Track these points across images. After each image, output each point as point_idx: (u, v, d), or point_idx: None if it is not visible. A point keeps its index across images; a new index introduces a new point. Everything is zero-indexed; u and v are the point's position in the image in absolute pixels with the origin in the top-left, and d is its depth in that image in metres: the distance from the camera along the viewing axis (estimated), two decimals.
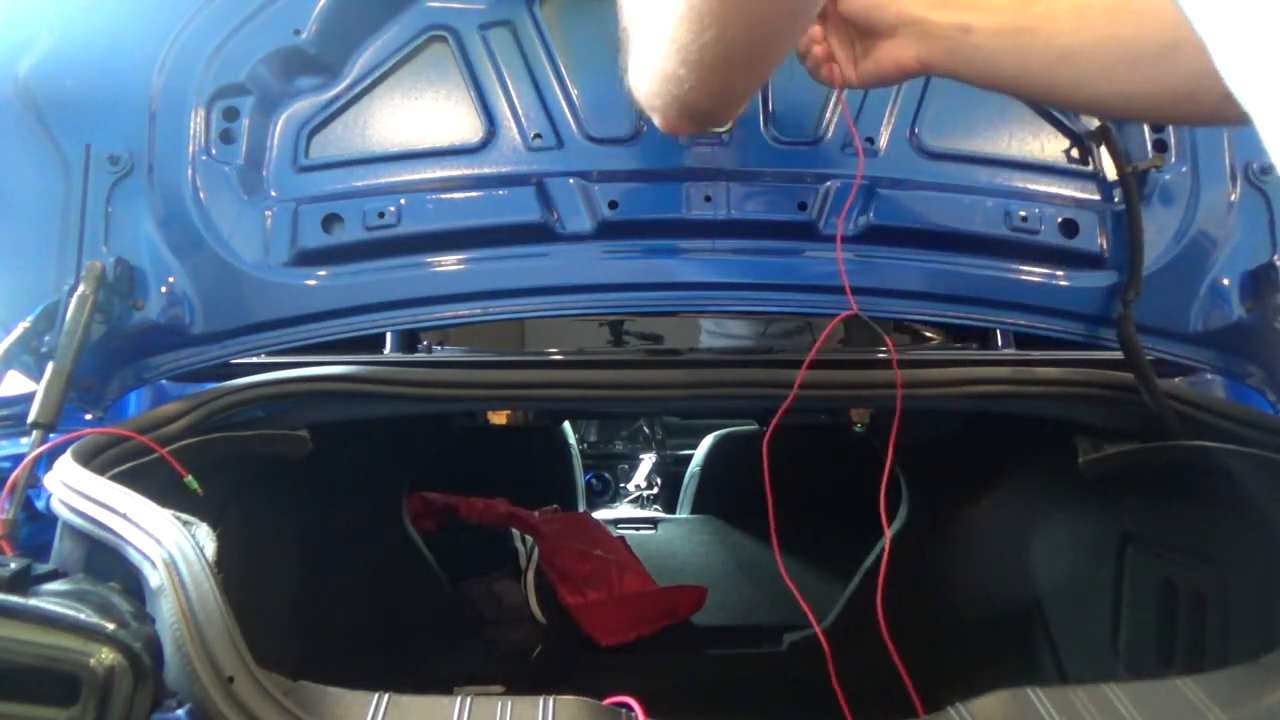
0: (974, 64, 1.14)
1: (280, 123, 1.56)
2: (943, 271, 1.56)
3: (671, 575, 2.98)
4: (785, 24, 0.95)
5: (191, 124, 1.51)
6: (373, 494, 2.33)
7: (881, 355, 1.67)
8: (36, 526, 1.22)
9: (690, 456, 4.26)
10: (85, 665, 0.81)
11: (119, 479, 1.16)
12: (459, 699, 0.98)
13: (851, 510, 1.87)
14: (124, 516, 1.04)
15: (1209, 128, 1.56)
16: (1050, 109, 1.61)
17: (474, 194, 1.55)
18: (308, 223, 1.52)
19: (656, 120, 1.16)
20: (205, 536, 1.03)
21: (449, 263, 1.54)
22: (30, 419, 1.31)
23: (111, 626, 0.84)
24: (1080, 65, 1.07)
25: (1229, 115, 1.00)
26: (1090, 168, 1.61)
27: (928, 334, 2.42)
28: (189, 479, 1.32)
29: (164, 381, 1.60)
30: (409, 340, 2.15)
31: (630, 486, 5.22)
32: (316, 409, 1.57)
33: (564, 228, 1.54)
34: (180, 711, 0.87)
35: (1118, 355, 1.56)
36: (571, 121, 1.56)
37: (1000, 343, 2.08)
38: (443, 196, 1.55)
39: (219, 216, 1.51)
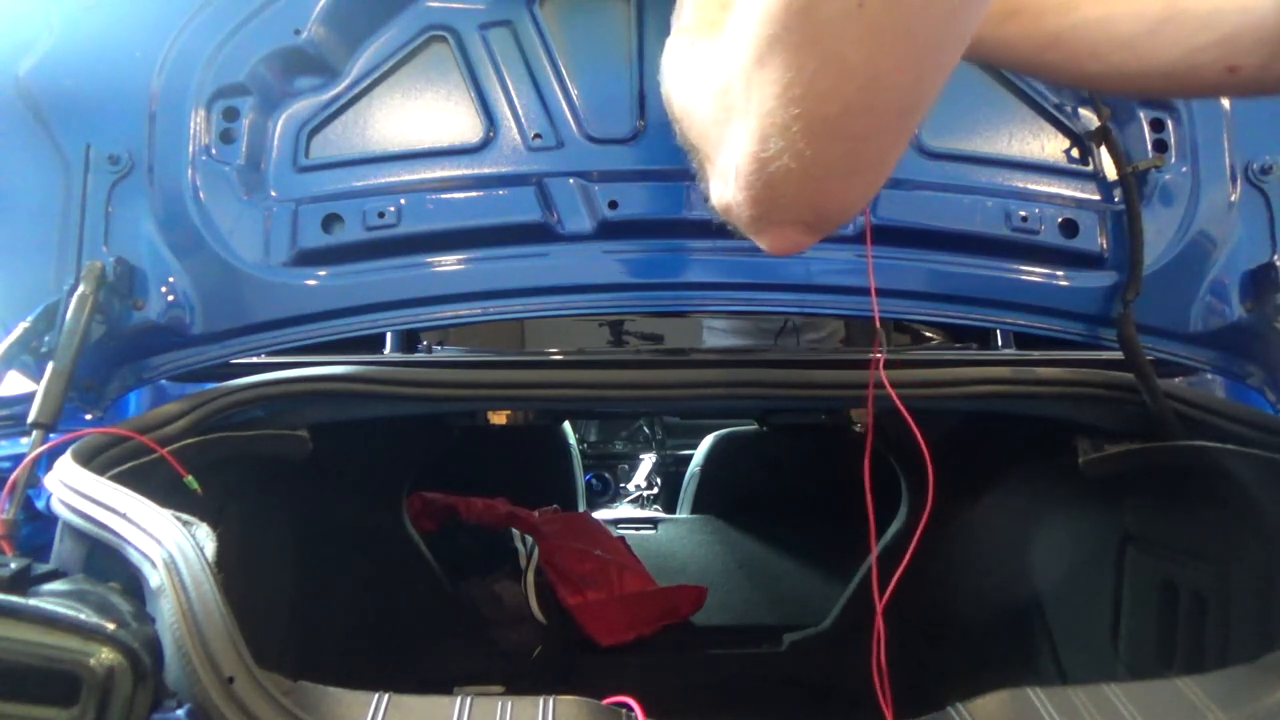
0: None
1: (280, 123, 1.56)
2: (943, 271, 1.56)
3: (671, 575, 2.97)
4: (954, 48, 0.67)
5: (191, 124, 1.51)
6: (372, 494, 2.33)
7: (879, 355, 1.66)
8: (36, 526, 1.22)
9: (690, 456, 4.26)
10: (85, 665, 0.81)
11: (119, 479, 1.16)
12: (459, 699, 0.98)
13: (852, 510, 1.87)
14: (124, 516, 1.04)
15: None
16: (1049, 110, 1.61)
17: (474, 194, 1.55)
18: (308, 223, 1.52)
19: (766, 241, 0.82)
20: (205, 536, 1.03)
21: (449, 263, 1.54)
22: (30, 419, 1.31)
23: (111, 626, 0.84)
24: (1070, 48, 1.02)
25: (1233, 85, 0.96)
26: (1090, 168, 1.61)
27: (928, 334, 2.42)
28: (189, 479, 1.32)
29: (164, 381, 1.60)
30: (409, 340, 2.15)
31: (630, 486, 5.22)
32: (317, 409, 1.57)
33: (564, 228, 1.54)
34: (180, 711, 0.87)
35: (1118, 355, 1.56)
36: (571, 121, 1.56)
37: (1000, 343, 2.08)
38: (443, 196, 1.55)
39: (219, 216, 1.52)
